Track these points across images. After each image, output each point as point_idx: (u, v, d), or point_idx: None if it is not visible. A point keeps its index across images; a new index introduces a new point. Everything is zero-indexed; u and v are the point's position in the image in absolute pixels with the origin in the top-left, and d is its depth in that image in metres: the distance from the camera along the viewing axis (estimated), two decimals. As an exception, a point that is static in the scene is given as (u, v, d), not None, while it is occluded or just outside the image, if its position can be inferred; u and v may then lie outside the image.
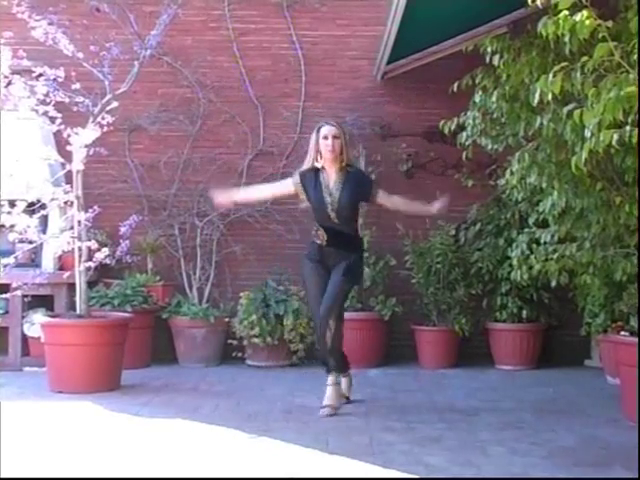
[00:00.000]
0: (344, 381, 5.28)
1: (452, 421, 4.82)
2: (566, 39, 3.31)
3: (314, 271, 5.14)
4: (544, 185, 4.70)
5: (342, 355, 5.19)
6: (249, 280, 7.09)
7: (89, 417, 4.92)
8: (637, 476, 2.09)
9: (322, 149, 5.07)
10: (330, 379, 5.14)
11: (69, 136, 5.59)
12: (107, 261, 5.77)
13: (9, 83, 5.48)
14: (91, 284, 6.36)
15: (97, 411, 5.05)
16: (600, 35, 3.21)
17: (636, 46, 3.43)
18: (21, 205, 5.51)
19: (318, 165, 5.11)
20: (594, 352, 6.81)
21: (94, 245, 5.70)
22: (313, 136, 5.13)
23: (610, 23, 3.21)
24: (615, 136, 3.28)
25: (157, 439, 4.36)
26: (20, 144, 6.34)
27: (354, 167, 5.34)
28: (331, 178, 5.09)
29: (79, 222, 5.74)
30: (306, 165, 5.17)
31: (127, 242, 6.04)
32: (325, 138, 5.06)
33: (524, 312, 6.72)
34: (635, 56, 3.39)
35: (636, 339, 4.71)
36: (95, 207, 5.92)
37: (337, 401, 5.08)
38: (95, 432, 4.53)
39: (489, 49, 4.80)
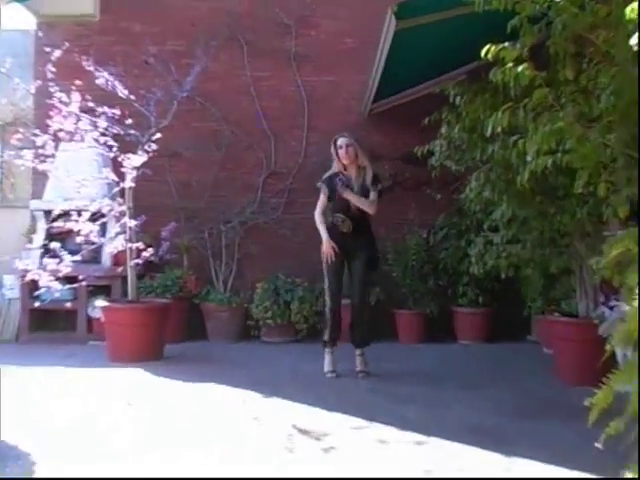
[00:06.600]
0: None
1: (423, 384, 4.83)
2: (511, 85, 3.34)
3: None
4: (495, 198, 4.71)
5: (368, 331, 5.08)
6: (263, 273, 7.09)
7: (140, 381, 4.96)
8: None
9: (341, 157, 5.01)
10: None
11: (123, 160, 5.64)
12: (152, 259, 5.81)
13: (78, 120, 5.54)
14: (139, 277, 6.37)
15: (146, 376, 5.09)
16: (537, 82, 3.24)
17: (564, 91, 3.49)
18: (86, 214, 5.55)
19: (342, 169, 5.06)
20: (533, 329, 6.85)
21: (141, 246, 5.72)
22: (332, 148, 5.05)
23: (544, 73, 3.25)
24: (550, 161, 3.31)
25: (193, 397, 4.41)
26: (85, 167, 6.39)
27: (367, 167, 5.06)
28: (353, 177, 5.01)
29: (130, 228, 5.78)
30: (332, 170, 5.07)
31: (167, 243, 6.09)
32: (341, 148, 4.99)
33: (480, 298, 6.73)
34: (563, 100, 3.44)
35: (570, 319, 4.77)
36: (142, 216, 5.97)
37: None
38: (146, 392, 4.57)
39: (452, 92, 4.84)
